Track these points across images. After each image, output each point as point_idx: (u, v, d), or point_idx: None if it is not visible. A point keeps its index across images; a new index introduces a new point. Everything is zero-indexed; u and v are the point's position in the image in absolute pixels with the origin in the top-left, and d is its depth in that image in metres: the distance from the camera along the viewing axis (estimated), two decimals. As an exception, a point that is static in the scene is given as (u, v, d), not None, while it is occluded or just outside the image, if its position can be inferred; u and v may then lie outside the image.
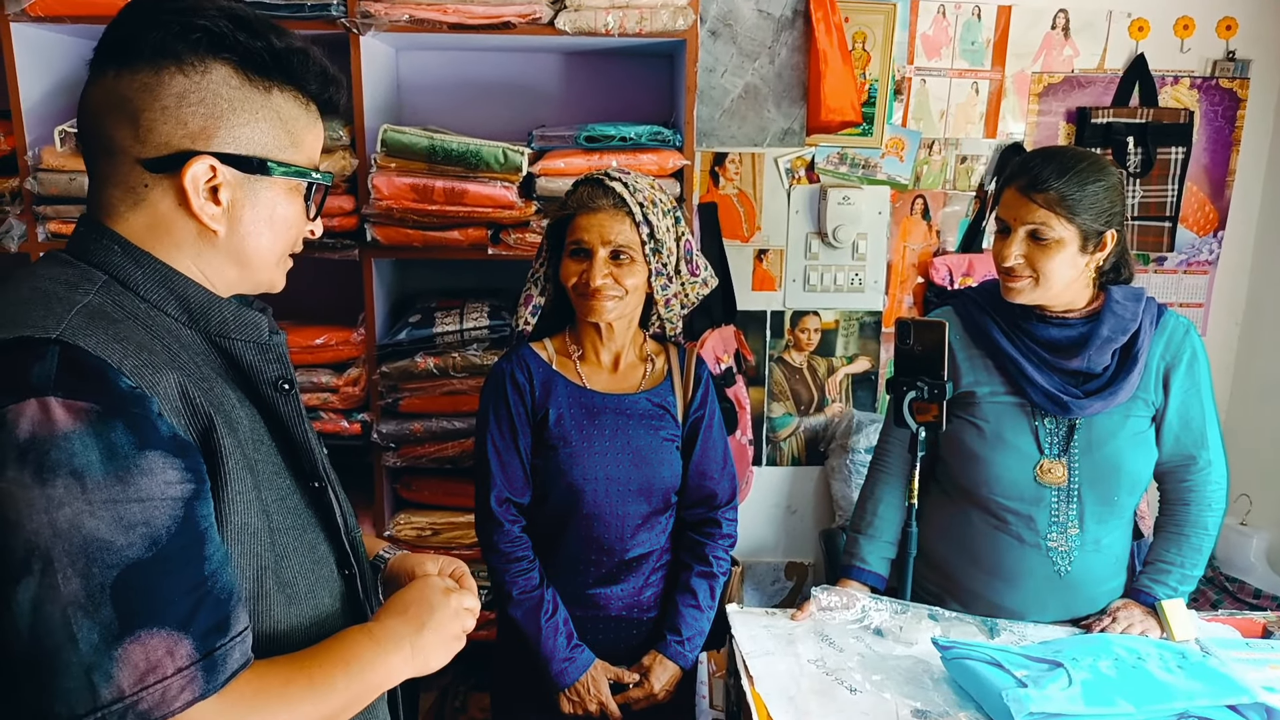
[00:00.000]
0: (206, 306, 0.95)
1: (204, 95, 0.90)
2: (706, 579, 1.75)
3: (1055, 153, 1.61)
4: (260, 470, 0.94)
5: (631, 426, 1.69)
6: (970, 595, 1.76)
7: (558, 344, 1.74)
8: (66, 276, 0.90)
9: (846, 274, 2.65)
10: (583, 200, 1.62)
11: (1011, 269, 1.61)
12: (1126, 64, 2.58)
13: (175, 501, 0.82)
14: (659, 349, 1.79)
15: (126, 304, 0.90)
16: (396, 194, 2.12)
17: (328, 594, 1.02)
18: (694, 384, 1.76)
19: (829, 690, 1.47)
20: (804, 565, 2.81)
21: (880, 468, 1.85)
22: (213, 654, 0.81)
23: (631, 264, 1.63)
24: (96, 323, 0.84)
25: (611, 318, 1.65)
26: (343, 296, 2.38)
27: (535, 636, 1.65)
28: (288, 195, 0.98)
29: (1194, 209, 2.69)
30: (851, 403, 2.74)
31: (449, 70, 2.47)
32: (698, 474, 1.75)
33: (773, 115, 2.55)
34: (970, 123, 2.61)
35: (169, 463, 0.82)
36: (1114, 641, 1.47)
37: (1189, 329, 1.70)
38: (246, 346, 0.97)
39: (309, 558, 0.99)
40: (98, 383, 0.80)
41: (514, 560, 1.68)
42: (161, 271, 0.93)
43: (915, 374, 1.63)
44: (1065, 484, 1.66)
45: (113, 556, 0.78)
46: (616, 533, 1.69)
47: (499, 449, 1.67)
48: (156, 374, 0.84)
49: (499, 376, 1.69)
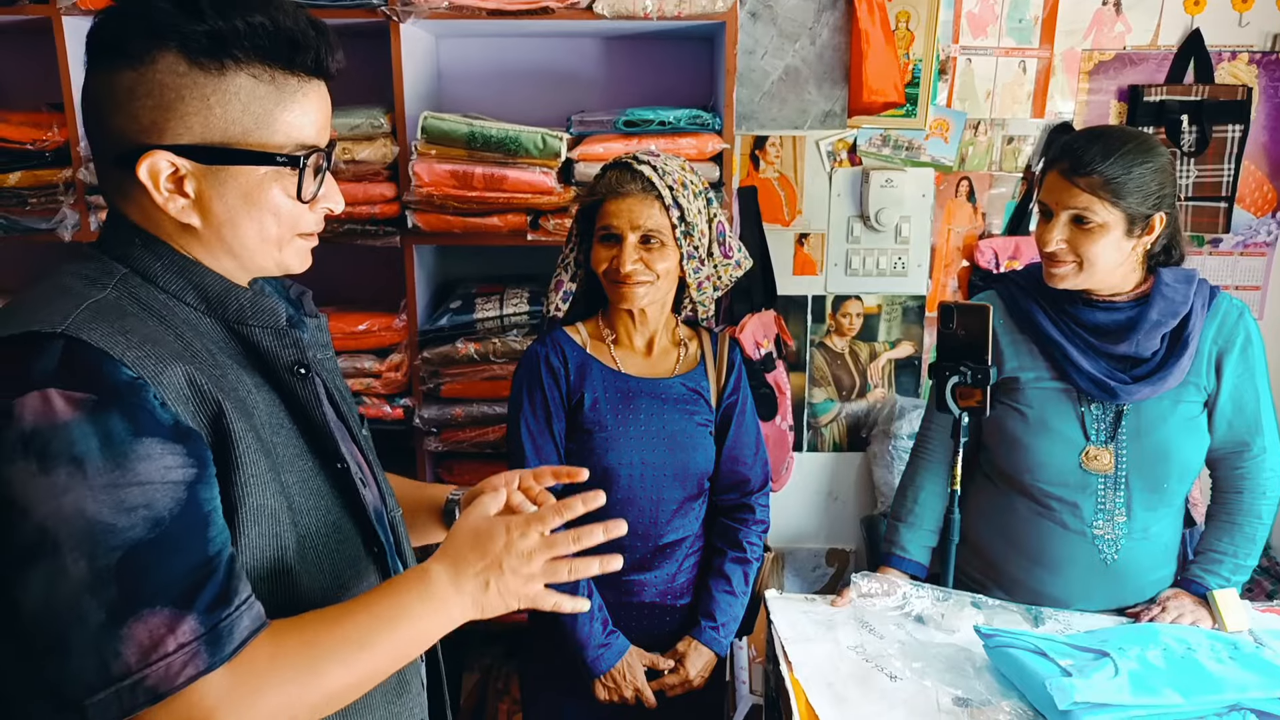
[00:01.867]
0: (224, 295, 0.96)
1: (150, 87, 0.88)
2: (741, 564, 1.75)
3: (1101, 133, 1.57)
4: (280, 453, 0.95)
5: (666, 411, 1.69)
6: (1014, 583, 1.74)
7: (591, 328, 1.74)
8: (88, 271, 0.92)
9: (889, 258, 2.62)
10: (611, 185, 1.62)
11: (1054, 254, 1.58)
12: (1181, 39, 2.51)
13: (176, 485, 0.83)
14: (691, 334, 1.79)
15: (144, 296, 0.92)
16: (437, 181, 2.13)
17: (352, 572, 1.02)
18: (727, 369, 1.76)
19: (869, 677, 1.46)
20: (845, 552, 2.79)
21: (922, 454, 1.83)
22: (217, 628, 0.83)
23: (662, 248, 1.62)
24: (104, 316, 0.86)
25: (643, 303, 1.65)
26: (385, 283, 2.40)
27: (570, 623, 1.65)
28: (265, 179, 0.93)
29: (1251, 189, 2.61)
30: (894, 388, 2.71)
31: (488, 57, 2.48)
32: (731, 459, 1.75)
33: (814, 97, 2.52)
34: (1017, 102, 2.55)
35: (168, 448, 0.83)
36: (1162, 631, 1.44)
37: (1243, 311, 1.65)
38: (264, 333, 0.97)
39: (333, 537, 1.00)
40: (96, 374, 0.82)
41: None
42: (179, 263, 0.94)
43: (958, 359, 1.60)
44: (1112, 471, 1.63)
45: (115, 538, 0.80)
46: (651, 518, 1.69)
47: (533, 432, 1.67)
48: (161, 364, 0.85)
49: (533, 359, 1.69)
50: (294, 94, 0.93)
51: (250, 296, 0.97)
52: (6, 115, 2.20)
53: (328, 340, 1.18)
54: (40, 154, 2.20)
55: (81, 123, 0.99)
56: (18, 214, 2.23)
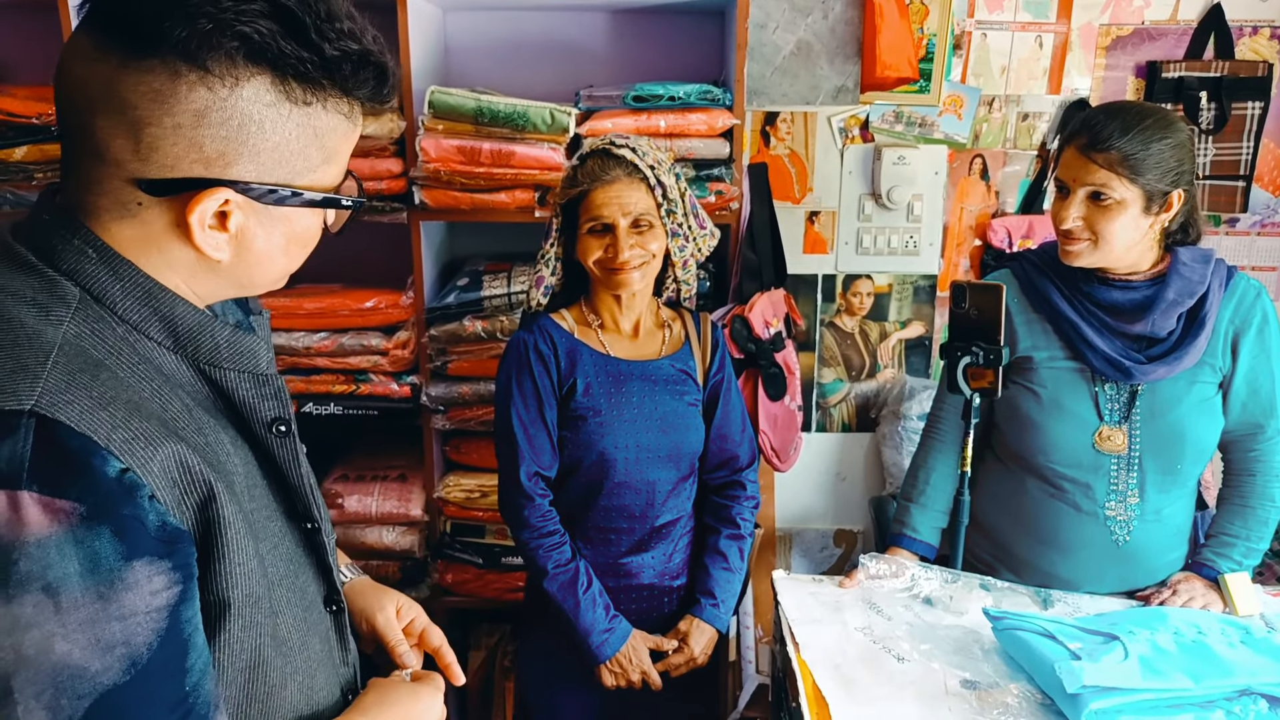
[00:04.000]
0: (196, 331, 0.80)
1: (229, 115, 0.73)
2: (735, 540, 1.77)
3: (1119, 109, 1.54)
4: (255, 518, 0.82)
5: (658, 393, 1.69)
6: (1024, 565, 1.73)
7: (575, 314, 1.72)
8: (32, 293, 0.73)
9: (901, 236, 2.59)
10: (595, 174, 1.59)
11: (1069, 231, 1.55)
12: (1202, 14, 2.46)
13: (159, 612, 0.70)
14: (674, 315, 1.79)
15: (106, 333, 0.75)
16: (444, 156, 2.11)
17: (318, 639, 0.93)
18: (711, 348, 1.77)
19: (876, 659, 1.45)
20: (853, 533, 2.78)
21: (933, 435, 1.82)
22: None
23: (651, 229, 1.61)
24: (79, 378, 0.69)
25: (638, 288, 1.65)
26: (392, 260, 2.39)
27: (574, 610, 1.64)
28: (309, 215, 0.82)
29: (1270, 167, 2.56)
30: (904, 368, 2.69)
31: (496, 31, 2.45)
32: (719, 437, 1.76)
33: (826, 72, 2.49)
34: (1033, 78, 2.51)
35: (156, 568, 0.69)
36: (1173, 615, 1.43)
37: (1260, 292, 1.63)
38: (241, 379, 0.83)
39: (300, 604, 0.89)
40: (82, 472, 0.66)
41: (546, 535, 1.67)
42: (144, 286, 0.77)
43: (970, 339, 1.58)
44: (1125, 452, 1.61)
45: (86, 685, 0.66)
46: (647, 500, 1.69)
47: (525, 422, 1.65)
48: (151, 446, 0.71)
49: (520, 348, 1.66)
50: (356, 126, 0.82)
51: (226, 335, 0.82)
52: (12, 90, 2.19)
53: (270, 338, 1.03)
54: (46, 128, 2.19)
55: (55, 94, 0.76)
56: (24, 189, 2.22)
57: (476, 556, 2.37)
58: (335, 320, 2.25)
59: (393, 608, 1.09)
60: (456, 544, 2.37)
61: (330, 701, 0.95)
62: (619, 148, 1.60)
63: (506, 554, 2.38)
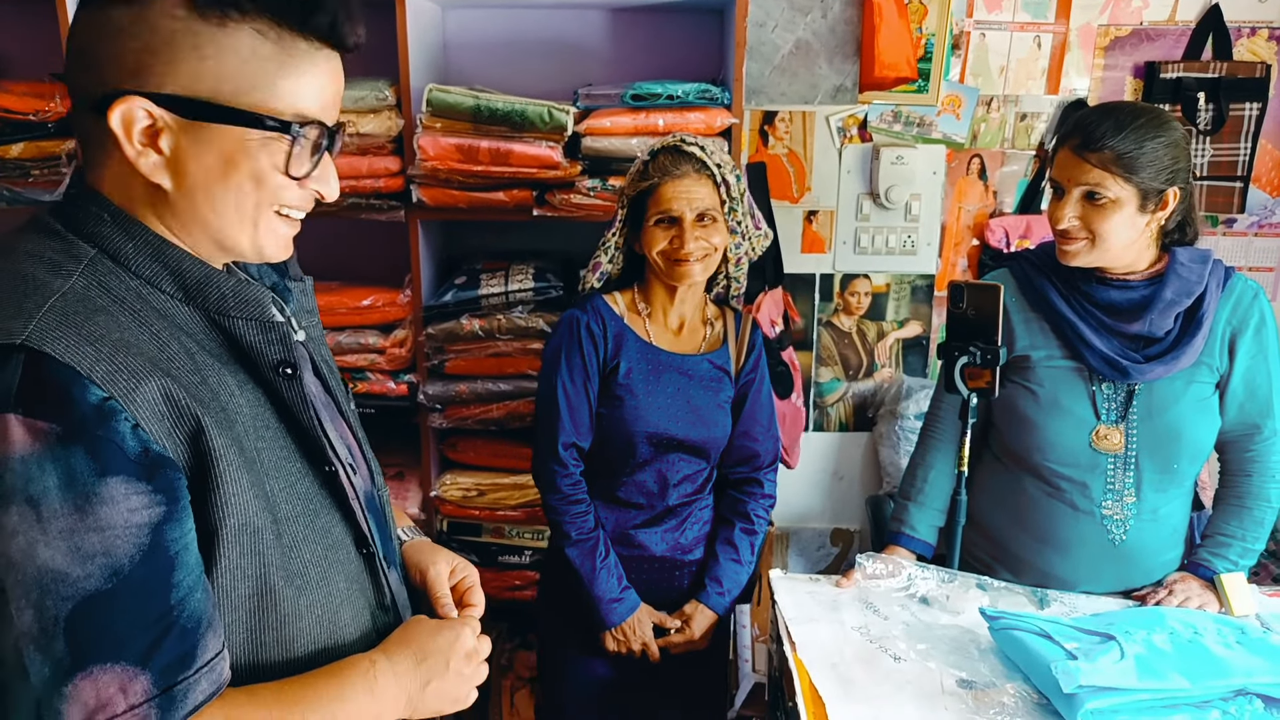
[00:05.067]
0: (203, 282, 0.86)
1: (141, 28, 0.79)
2: (749, 535, 1.84)
3: (1113, 109, 1.55)
4: (264, 459, 0.87)
5: (692, 386, 1.75)
6: (1021, 564, 1.73)
7: (627, 299, 1.79)
8: (50, 253, 0.82)
9: (899, 236, 2.59)
10: (666, 168, 1.66)
11: (1066, 231, 1.56)
12: (1200, 15, 2.46)
13: (140, 529, 0.76)
14: (718, 313, 1.85)
15: (114, 284, 0.82)
16: (442, 154, 2.11)
17: (343, 577, 0.96)
18: (748, 348, 1.82)
19: (873, 658, 1.46)
20: (850, 532, 2.79)
21: (931, 434, 1.82)
22: (172, 689, 0.77)
23: (715, 224, 1.68)
24: (72, 319, 0.76)
25: (699, 280, 1.71)
26: (389, 258, 2.39)
27: (590, 576, 1.73)
28: (251, 146, 0.83)
29: (1268, 168, 2.57)
30: (901, 368, 2.69)
31: (495, 29, 2.45)
32: (743, 434, 1.82)
33: (824, 72, 2.49)
34: (1031, 78, 2.51)
35: (134, 487, 0.75)
36: (1169, 615, 1.43)
37: (1258, 293, 1.64)
38: (248, 326, 0.88)
39: (321, 543, 0.93)
40: (62, 398, 0.73)
41: (575, 502, 1.75)
42: (154, 243, 0.85)
43: (968, 339, 1.58)
44: (1122, 451, 1.62)
45: (68, 589, 0.73)
46: (667, 483, 1.77)
47: (569, 393, 1.72)
48: (135, 380, 0.77)
49: (573, 323, 1.74)
50: (301, 59, 0.83)
51: (233, 284, 0.88)
52: (9, 86, 2.18)
53: (314, 305, 1.10)
54: (43, 125, 2.18)
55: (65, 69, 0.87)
56: (20, 186, 2.21)
57: (473, 555, 2.37)
58: (332, 318, 2.25)
59: (446, 565, 1.13)
60: (453, 542, 2.37)
61: (357, 637, 0.97)
62: (689, 145, 1.67)
63: (504, 552, 2.38)
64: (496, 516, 2.36)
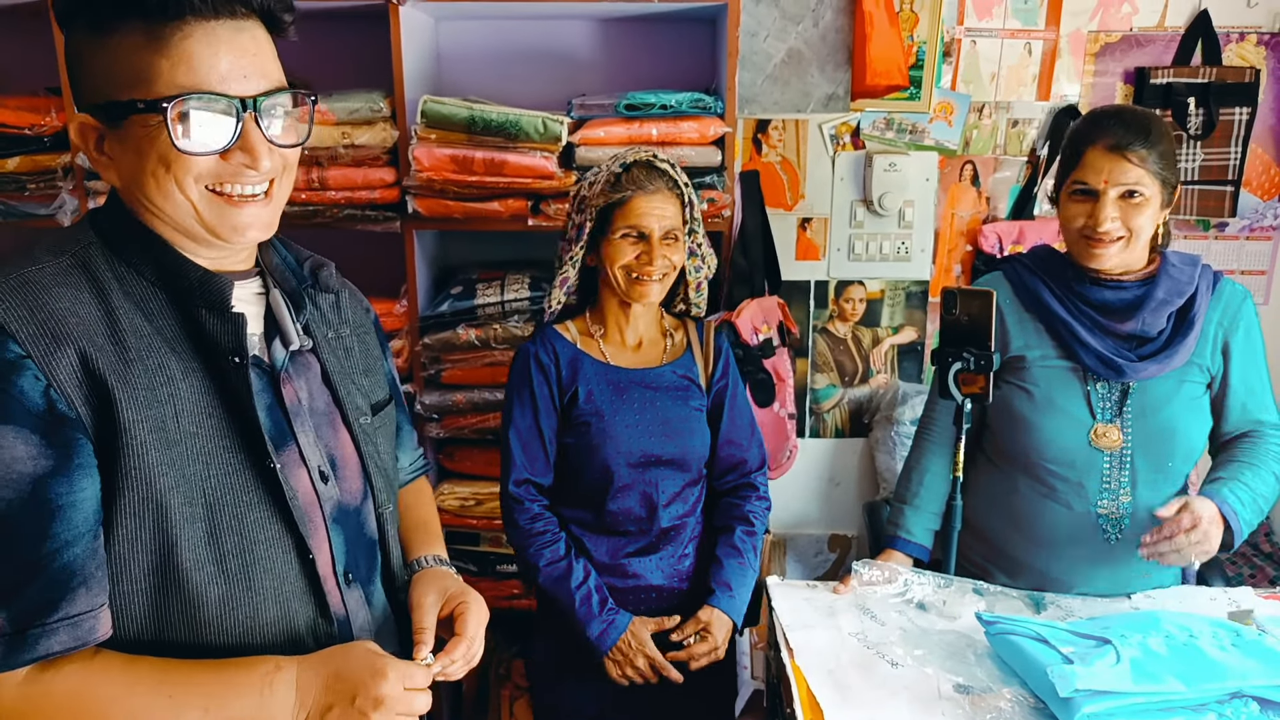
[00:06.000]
0: (175, 271, 0.95)
1: (71, 52, 0.93)
2: (750, 537, 1.78)
3: (1126, 110, 1.59)
4: (197, 443, 0.92)
5: (659, 399, 1.71)
6: (1016, 565, 1.74)
7: (580, 325, 1.76)
8: (65, 235, 0.95)
9: (892, 242, 2.60)
10: (640, 181, 1.63)
11: (1106, 232, 1.56)
12: (1189, 21, 2.48)
13: (21, 477, 0.83)
14: (676, 324, 1.82)
15: (97, 267, 0.93)
16: (437, 165, 2.12)
17: (269, 575, 0.97)
18: (714, 355, 1.80)
19: (870, 664, 1.46)
20: (847, 538, 2.79)
21: (926, 438, 1.83)
22: (25, 633, 0.82)
23: (677, 243, 1.67)
24: (27, 288, 0.87)
25: (656, 299, 1.69)
26: (385, 268, 2.39)
27: (568, 604, 1.66)
28: (150, 132, 0.89)
29: (1258, 172, 2.58)
30: (897, 374, 2.70)
31: (489, 40, 2.46)
32: (727, 443, 1.79)
33: (817, 80, 2.50)
34: (1022, 85, 2.53)
35: (22, 438, 0.83)
36: (1164, 619, 1.43)
37: (1246, 295, 1.67)
38: (210, 315, 0.95)
39: (248, 538, 0.95)
40: None
41: (536, 535, 1.70)
42: (140, 234, 0.95)
43: (961, 344, 1.59)
44: (1119, 449, 1.63)
45: None
46: (651, 503, 1.71)
47: (520, 430, 1.70)
48: (56, 343, 0.85)
49: (523, 357, 1.73)
50: (172, 40, 0.88)
51: (200, 274, 0.96)
52: (4, 100, 2.19)
53: (348, 317, 1.16)
54: (39, 139, 2.19)
55: None
56: (16, 199, 2.22)
57: (471, 564, 2.37)
58: (329, 329, 2.25)
59: (437, 597, 1.12)
60: (450, 551, 2.36)
61: (282, 641, 0.98)
62: (661, 161, 1.66)
63: (501, 561, 2.38)
64: (494, 525, 2.36)
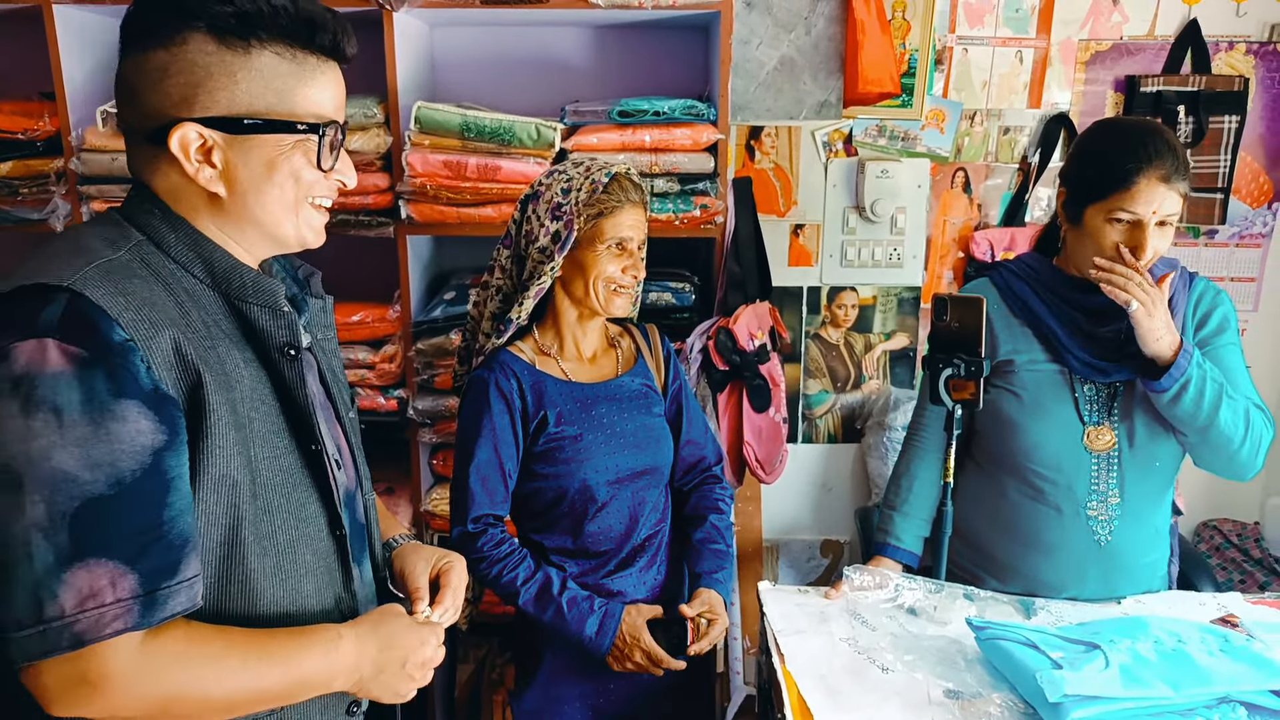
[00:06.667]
0: (229, 272, 1.01)
1: (181, 65, 0.95)
2: (722, 522, 1.79)
3: (1166, 134, 1.56)
4: (255, 427, 0.99)
5: (626, 410, 1.69)
6: (1006, 569, 1.75)
7: (531, 344, 1.69)
8: (108, 234, 0.97)
9: (885, 249, 2.61)
10: (628, 192, 1.62)
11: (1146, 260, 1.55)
12: (1178, 30, 2.50)
13: (144, 449, 0.88)
14: (620, 331, 1.81)
15: (155, 263, 0.97)
16: (430, 171, 2.12)
17: (310, 551, 1.06)
18: (665, 359, 1.80)
19: (861, 669, 1.46)
20: (839, 543, 2.80)
21: (916, 444, 1.84)
22: (155, 593, 0.88)
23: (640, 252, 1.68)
24: (112, 276, 0.91)
25: (625, 311, 1.68)
26: (379, 273, 2.39)
27: (557, 616, 1.59)
28: (286, 149, 0.99)
29: (1248, 180, 2.60)
30: (889, 380, 2.71)
31: (483, 46, 2.47)
32: (689, 443, 1.79)
33: (809, 87, 2.51)
34: (1014, 93, 2.54)
35: (143, 413, 0.88)
36: (1153, 624, 1.44)
37: (1218, 291, 1.70)
38: (261, 311, 1.02)
39: (295, 515, 1.04)
40: (92, 330, 0.87)
41: (503, 558, 1.63)
42: (192, 236, 1.00)
43: (951, 351, 1.60)
44: (1109, 450, 1.64)
45: (76, 489, 0.85)
46: (630, 518, 1.68)
47: (480, 465, 1.61)
48: (154, 329, 0.91)
49: (479, 386, 1.63)
50: (313, 71, 1.00)
51: (253, 276, 1.02)
52: (-2, 105, 2.19)
53: (331, 322, 1.24)
54: (32, 144, 2.19)
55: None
56: (9, 204, 2.22)
57: (464, 570, 2.37)
58: (322, 334, 2.25)
59: (425, 564, 1.22)
60: (444, 557, 2.36)
61: (318, 610, 1.07)
62: (635, 177, 1.67)
63: (494, 567, 2.37)
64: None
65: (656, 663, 1.60)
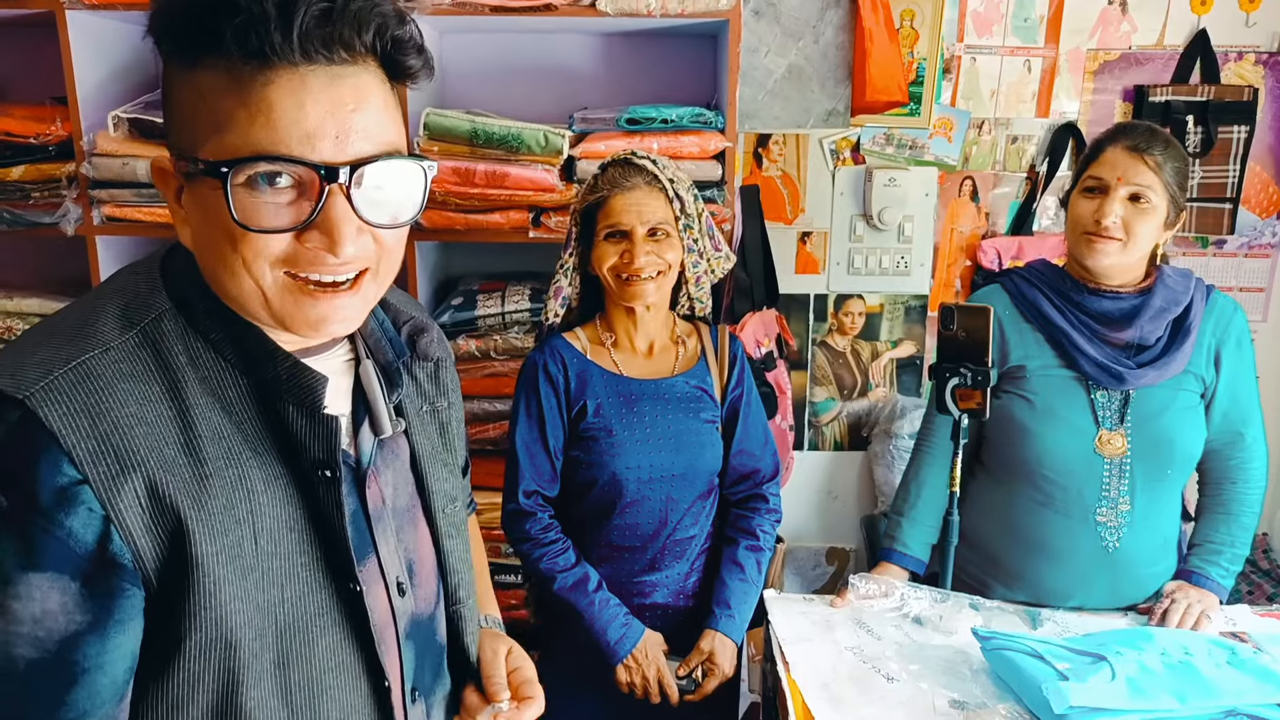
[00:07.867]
0: (261, 358, 0.80)
1: (165, 87, 0.76)
2: (754, 553, 1.73)
3: (1151, 124, 1.63)
4: (273, 565, 0.80)
5: (670, 411, 1.68)
6: (1013, 576, 1.74)
7: (590, 332, 1.72)
8: (131, 298, 0.79)
9: (892, 257, 2.61)
10: (615, 180, 1.61)
11: (1106, 228, 1.59)
12: (1187, 39, 2.50)
13: (49, 634, 0.70)
14: (690, 330, 1.78)
15: (170, 346, 0.77)
16: (439, 177, 2.13)
17: (337, 707, 0.86)
18: (730, 363, 1.75)
19: (865, 678, 1.46)
20: (845, 551, 2.79)
21: (924, 450, 1.84)
22: None
23: (668, 239, 1.62)
24: (89, 384, 0.72)
25: (652, 299, 1.64)
26: (387, 279, 2.40)
27: (586, 610, 1.62)
28: (219, 195, 0.72)
29: (1257, 190, 2.59)
30: (895, 387, 2.71)
31: (491, 54, 2.48)
32: (741, 453, 1.75)
33: (817, 96, 2.52)
34: (1022, 102, 2.54)
35: (59, 587, 0.70)
36: (1159, 636, 1.44)
37: (1236, 307, 1.71)
38: (298, 413, 0.81)
39: (320, 665, 0.84)
40: (24, 473, 0.68)
41: (548, 544, 1.67)
42: (220, 308, 0.79)
43: (958, 360, 1.60)
44: (1120, 456, 1.64)
45: None
46: (660, 519, 1.67)
47: (526, 442, 1.67)
48: (121, 466, 0.71)
49: (530, 368, 1.69)
50: (253, 86, 0.70)
51: (289, 365, 0.80)
52: (10, 109, 2.20)
53: (444, 387, 1.03)
54: (44, 148, 2.20)
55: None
56: (21, 208, 2.23)
57: (469, 575, 2.37)
58: (330, 339, 2.26)
59: (503, 648, 1.08)
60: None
61: None
62: (640, 158, 1.63)
63: (502, 572, 2.38)
64: (494, 535, 2.35)
65: (664, 688, 1.64)
